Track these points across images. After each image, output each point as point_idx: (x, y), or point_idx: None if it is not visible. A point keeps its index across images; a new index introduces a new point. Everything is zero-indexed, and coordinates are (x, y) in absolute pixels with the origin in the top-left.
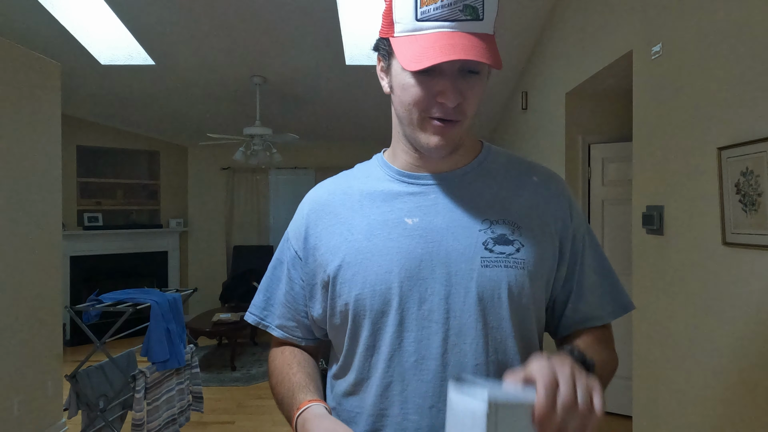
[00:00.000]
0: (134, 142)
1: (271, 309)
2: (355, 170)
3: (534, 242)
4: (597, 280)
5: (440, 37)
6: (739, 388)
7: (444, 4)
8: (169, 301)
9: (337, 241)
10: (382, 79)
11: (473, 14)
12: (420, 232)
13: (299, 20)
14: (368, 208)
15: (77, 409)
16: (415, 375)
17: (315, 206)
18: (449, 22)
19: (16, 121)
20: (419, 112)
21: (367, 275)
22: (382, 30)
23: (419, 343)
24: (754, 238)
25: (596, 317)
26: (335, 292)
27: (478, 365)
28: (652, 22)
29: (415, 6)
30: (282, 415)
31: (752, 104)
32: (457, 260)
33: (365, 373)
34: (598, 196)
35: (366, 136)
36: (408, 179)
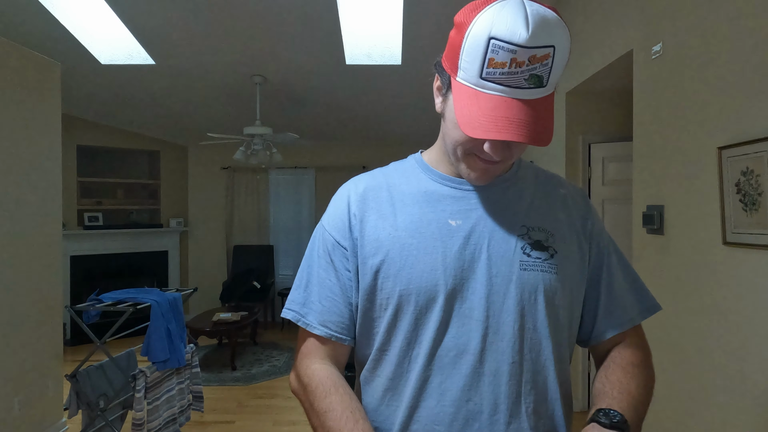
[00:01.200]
0: (134, 141)
1: (311, 306)
2: (392, 169)
3: (566, 249)
4: (624, 284)
5: (499, 104)
6: (739, 388)
7: (510, 71)
8: (170, 301)
9: (381, 235)
10: (437, 97)
11: (537, 83)
12: (463, 233)
13: (299, 20)
14: (412, 206)
15: (77, 409)
16: (454, 369)
17: (358, 199)
18: (510, 88)
19: (16, 120)
20: (464, 150)
21: (413, 271)
22: (445, 60)
23: (459, 338)
24: (754, 238)
25: (627, 320)
26: (376, 285)
27: (514, 363)
28: (652, 22)
29: (482, 64)
30: (282, 415)
31: (752, 104)
32: (497, 262)
33: (404, 366)
34: (598, 196)
35: (366, 136)
36: (452, 183)
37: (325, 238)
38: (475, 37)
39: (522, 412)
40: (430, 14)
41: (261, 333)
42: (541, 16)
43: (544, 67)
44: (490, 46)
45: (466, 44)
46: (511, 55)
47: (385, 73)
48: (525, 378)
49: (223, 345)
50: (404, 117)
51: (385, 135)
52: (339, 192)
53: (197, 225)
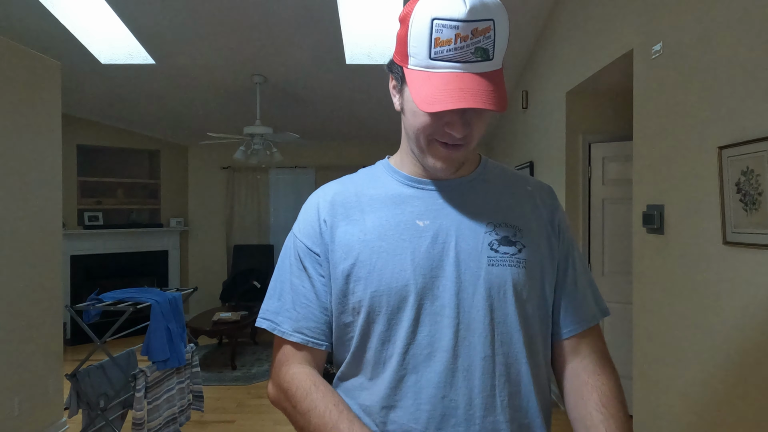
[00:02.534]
0: (134, 141)
1: (285, 314)
2: (360, 175)
3: (533, 244)
4: (585, 283)
5: (451, 79)
6: (740, 388)
7: (457, 47)
8: (170, 301)
9: (351, 240)
10: (394, 96)
11: (484, 55)
12: (431, 233)
13: (299, 19)
14: (380, 210)
15: (78, 408)
16: (428, 367)
17: (326, 206)
18: (461, 63)
19: (17, 120)
20: (426, 136)
21: (383, 273)
22: (396, 55)
23: (432, 336)
24: (754, 237)
25: (591, 317)
26: (348, 289)
27: (486, 357)
28: (653, 22)
29: (429, 45)
30: (282, 415)
31: (753, 103)
32: (465, 259)
33: (379, 366)
34: (598, 196)
35: (366, 135)
36: (418, 184)
37: (297, 245)
38: (418, 22)
39: (497, 406)
40: None
41: (261, 333)
42: None
43: (487, 39)
44: (434, 26)
45: (412, 31)
46: (454, 30)
47: (385, 72)
48: (498, 371)
49: (223, 345)
50: None
51: (385, 135)
52: (308, 200)
53: (197, 225)
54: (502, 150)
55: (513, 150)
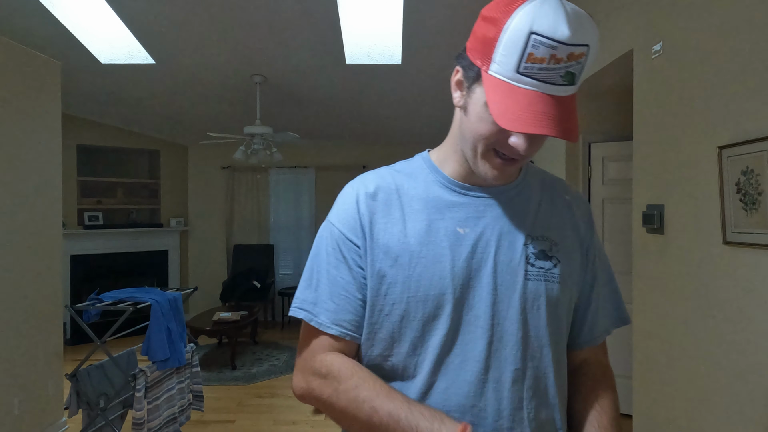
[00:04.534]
0: (134, 141)
1: (323, 305)
2: (398, 169)
3: (568, 259)
4: (608, 295)
5: (536, 99)
6: (739, 387)
7: (548, 67)
8: (170, 300)
9: (391, 241)
10: (455, 91)
11: (570, 80)
12: (471, 242)
13: (299, 19)
14: (420, 212)
15: (78, 408)
16: (459, 375)
17: (367, 199)
18: (547, 84)
19: (16, 120)
20: (486, 145)
21: (422, 280)
22: (473, 51)
23: (465, 345)
24: (754, 237)
25: (603, 331)
26: (382, 291)
27: (517, 370)
28: (653, 21)
29: (520, 58)
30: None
31: (753, 103)
32: (503, 272)
33: (408, 371)
34: (598, 195)
35: (366, 135)
36: (460, 189)
37: (335, 234)
38: (514, 31)
39: (524, 418)
40: (430, 14)
41: (261, 332)
42: (580, 15)
43: (578, 65)
44: (531, 41)
45: (504, 38)
46: (551, 51)
47: (385, 72)
48: (527, 384)
49: (223, 344)
50: (404, 117)
51: (385, 135)
52: (347, 190)
53: (197, 224)
54: None
55: None
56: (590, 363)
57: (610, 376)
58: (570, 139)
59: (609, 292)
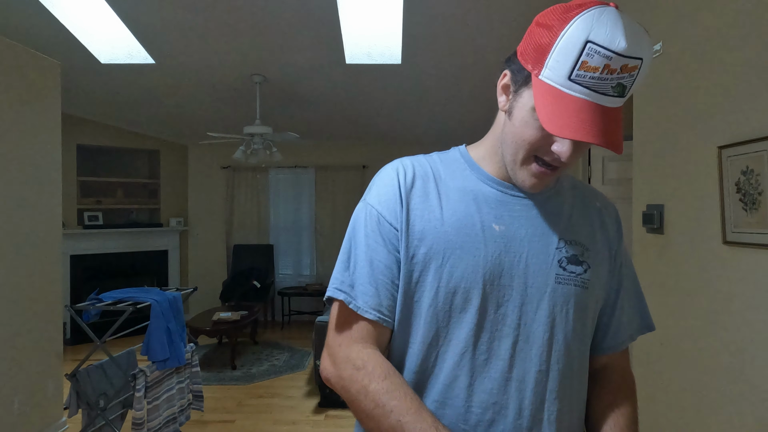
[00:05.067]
0: (134, 140)
1: (360, 287)
2: (436, 159)
3: (597, 265)
4: (633, 303)
5: (585, 107)
6: (739, 388)
7: (601, 77)
8: (170, 300)
9: (427, 226)
10: (500, 95)
11: (620, 92)
12: (505, 240)
13: (299, 19)
14: (458, 203)
15: (77, 408)
16: (483, 372)
17: (407, 183)
18: (597, 93)
19: (16, 120)
20: (529, 151)
21: (454, 270)
22: (525, 56)
23: (491, 343)
24: (754, 237)
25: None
26: (413, 277)
27: (540, 371)
28: (653, 21)
29: (573, 65)
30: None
31: (752, 103)
32: (534, 273)
33: (430, 361)
34: None
35: (366, 135)
36: (498, 186)
37: (374, 216)
38: (570, 38)
39: (544, 420)
40: (430, 14)
41: (261, 332)
42: (636, 29)
43: (630, 78)
44: (586, 49)
45: (560, 44)
46: (605, 60)
47: (385, 72)
48: (550, 387)
49: (223, 344)
50: (404, 116)
51: (385, 134)
52: (387, 171)
53: (197, 224)
54: None
55: None
56: (612, 368)
57: (631, 382)
58: (616, 150)
59: (634, 298)
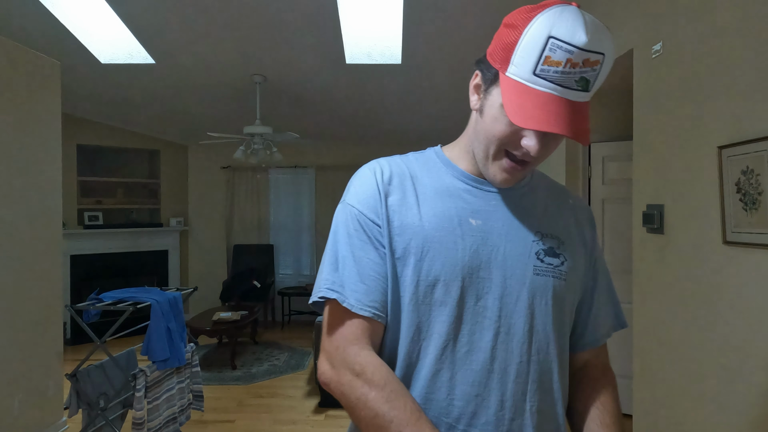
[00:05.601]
0: (134, 140)
1: (352, 286)
2: (412, 159)
3: (574, 258)
4: (608, 298)
5: (550, 100)
6: (739, 388)
7: (564, 71)
8: (170, 300)
9: (405, 222)
10: (472, 94)
11: (584, 86)
12: (482, 234)
13: (299, 19)
14: (434, 200)
15: (78, 408)
16: (465, 365)
17: (384, 181)
18: (562, 87)
19: (16, 120)
20: (499, 146)
21: (433, 264)
22: (493, 55)
23: (472, 335)
24: (754, 237)
25: (604, 333)
26: (396, 273)
27: (522, 363)
28: (653, 21)
29: (537, 60)
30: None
31: (753, 103)
32: (512, 265)
33: (413, 356)
34: (598, 195)
35: (366, 135)
36: (473, 183)
37: (355, 215)
38: (534, 34)
39: (526, 410)
40: (430, 14)
41: (261, 332)
42: (597, 24)
43: (593, 72)
44: (549, 44)
45: (524, 41)
46: (568, 55)
47: (385, 72)
48: (531, 378)
49: (223, 344)
50: (404, 116)
51: (385, 134)
52: (363, 172)
53: (197, 224)
54: None
55: None
56: (593, 365)
57: (611, 377)
58: (582, 141)
59: (608, 295)
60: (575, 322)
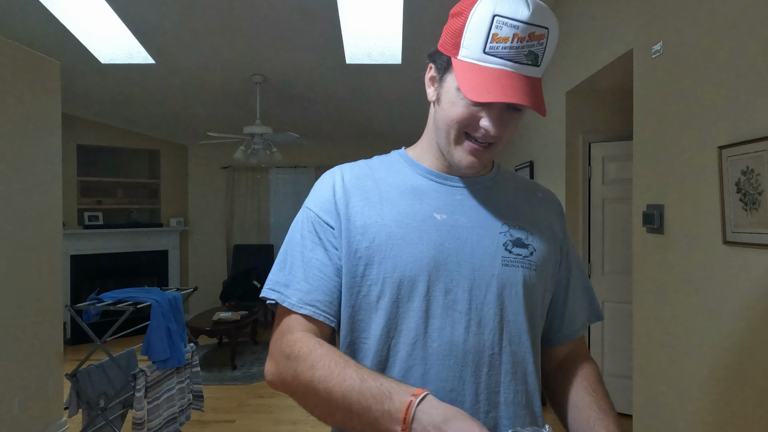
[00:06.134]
0: (134, 140)
1: (296, 285)
2: (375, 162)
3: (543, 248)
4: (583, 290)
5: (502, 75)
6: (739, 388)
7: (512, 46)
8: (170, 300)
9: (368, 222)
10: (429, 87)
11: (534, 60)
12: (448, 228)
13: (299, 19)
14: (398, 198)
15: (78, 408)
16: (437, 360)
17: (343, 184)
18: (512, 62)
19: (16, 120)
20: (459, 129)
21: (398, 261)
22: (443, 45)
23: (443, 330)
24: (754, 237)
25: (581, 325)
26: (359, 271)
27: (494, 354)
28: (653, 21)
29: (486, 39)
30: (282, 415)
31: (752, 103)
32: (480, 257)
33: (383, 354)
34: (598, 195)
35: (366, 135)
36: (437, 179)
37: (311, 218)
38: (479, 15)
39: (501, 402)
40: (430, 14)
41: (261, 332)
42: (538, 2)
43: (539, 46)
44: (495, 22)
45: (470, 23)
46: (513, 30)
47: (385, 72)
48: (504, 369)
49: (223, 344)
50: (404, 116)
51: (385, 134)
52: (324, 177)
53: (197, 224)
54: (503, 149)
55: (513, 149)
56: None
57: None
58: (538, 110)
59: (583, 287)
60: (552, 316)
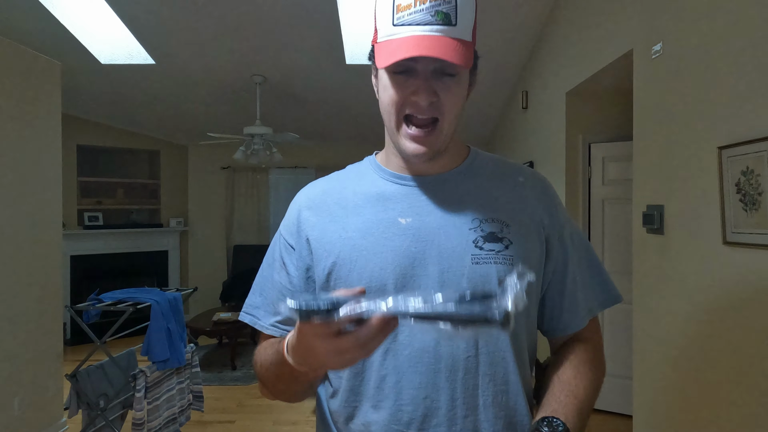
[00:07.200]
0: (134, 141)
1: (267, 308)
2: (347, 171)
3: (522, 239)
4: (588, 277)
5: (412, 38)
6: (739, 388)
7: (417, 10)
8: (170, 301)
9: (332, 238)
10: (375, 86)
11: (445, 20)
12: (413, 231)
13: (299, 19)
14: (362, 207)
15: (78, 409)
16: (410, 367)
17: (309, 203)
18: (423, 26)
19: (17, 120)
20: (396, 112)
21: (363, 273)
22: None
23: (413, 337)
24: (754, 238)
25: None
26: (329, 287)
27: (469, 357)
28: (653, 22)
29: (392, 13)
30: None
31: (753, 103)
32: (448, 258)
33: (358, 367)
34: (598, 196)
35: (366, 136)
36: (400, 181)
37: (280, 242)
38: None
39: (479, 405)
40: None
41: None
42: None
43: (447, 4)
44: None
45: (377, 7)
46: None
47: None
48: (482, 371)
49: (223, 345)
50: None
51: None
52: (294, 199)
53: (197, 225)
54: (502, 150)
55: (513, 150)
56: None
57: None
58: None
59: (588, 270)
60: (551, 306)
